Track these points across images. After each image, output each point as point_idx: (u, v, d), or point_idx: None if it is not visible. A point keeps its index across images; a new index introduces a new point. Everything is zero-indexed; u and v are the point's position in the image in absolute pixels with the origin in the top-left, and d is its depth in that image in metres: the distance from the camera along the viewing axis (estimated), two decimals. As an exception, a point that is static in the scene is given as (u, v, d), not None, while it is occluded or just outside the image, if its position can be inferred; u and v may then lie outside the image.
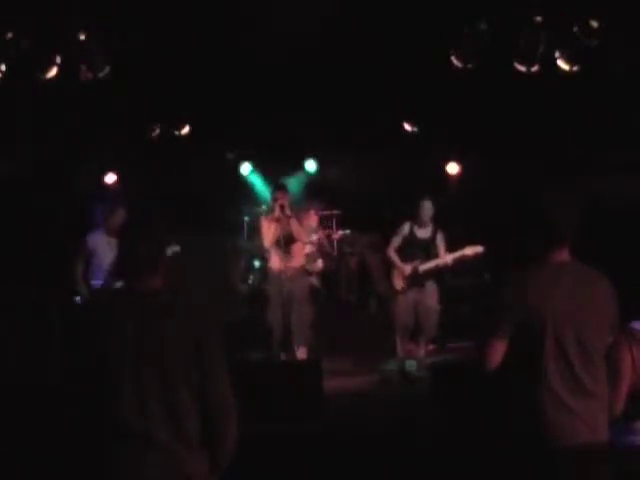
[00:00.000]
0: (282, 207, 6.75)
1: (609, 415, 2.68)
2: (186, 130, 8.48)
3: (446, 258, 6.74)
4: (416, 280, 6.78)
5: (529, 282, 2.67)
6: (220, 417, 2.34)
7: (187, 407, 2.28)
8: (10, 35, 5.93)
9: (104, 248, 6.13)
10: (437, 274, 6.87)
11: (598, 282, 2.73)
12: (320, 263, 8.74)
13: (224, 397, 2.36)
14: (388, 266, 7.22)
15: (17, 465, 3.98)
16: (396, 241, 6.94)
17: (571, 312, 2.63)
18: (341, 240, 9.28)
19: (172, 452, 2.24)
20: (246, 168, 9.87)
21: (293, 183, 9.49)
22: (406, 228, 6.90)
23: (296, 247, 6.92)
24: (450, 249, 6.84)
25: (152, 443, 2.22)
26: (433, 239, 6.86)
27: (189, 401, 2.28)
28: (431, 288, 6.82)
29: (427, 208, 6.83)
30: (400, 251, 6.92)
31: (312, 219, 9.00)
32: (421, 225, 6.88)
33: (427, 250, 6.82)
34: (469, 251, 6.72)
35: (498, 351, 2.66)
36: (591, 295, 2.68)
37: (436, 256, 6.80)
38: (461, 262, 6.86)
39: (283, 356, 6.88)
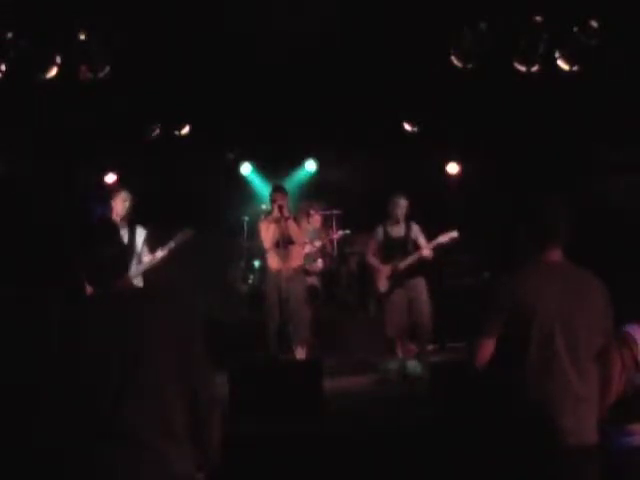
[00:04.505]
0: (280, 208, 6.75)
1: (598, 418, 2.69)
2: (186, 130, 8.49)
3: (423, 251, 6.63)
4: (400, 279, 6.74)
5: (522, 282, 2.69)
6: (206, 415, 2.36)
7: (174, 406, 2.28)
8: (10, 35, 5.94)
9: None
10: (420, 268, 6.77)
11: (591, 283, 2.73)
12: (320, 263, 8.75)
13: (210, 395, 2.37)
14: (370, 272, 7.12)
15: (13, 466, 3.97)
16: (372, 245, 6.90)
17: (562, 312, 2.63)
18: (341, 240, 9.29)
19: (160, 451, 2.24)
20: (246, 168, 9.89)
21: (292, 183, 9.50)
22: (380, 232, 6.84)
23: (295, 248, 6.92)
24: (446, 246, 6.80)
25: (140, 443, 2.22)
26: (408, 235, 6.81)
27: (176, 400, 2.28)
28: (419, 283, 6.75)
29: (402, 206, 6.75)
30: (378, 254, 6.86)
31: (315, 220, 9.01)
32: (394, 224, 6.80)
33: (404, 247, 6.74)
34: (444, 238, 6.63)
35: (486, 349, 2.68)
36: (582, 296, 2.69)
37: (415, 251, 6.74)
38: (440, 250, 6.79)
39: (282, 356, 6.88)
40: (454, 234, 6.62)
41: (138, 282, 5.70)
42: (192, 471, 2.32)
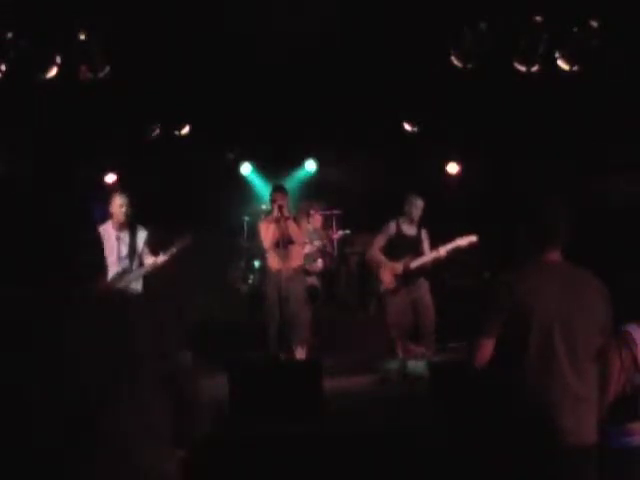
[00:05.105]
0: (280, 208, 6.75)
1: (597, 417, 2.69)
2: (186, 130, 8.49)
3: (440, 251, 6.61)
4: (408, 278, 6.71)
5: (522, 282, 2.69)
6: (195, 416, 2.37)
7: (168, 407, 2.29)
8: (10, 35, 5.94)
9: (111, 243, 5.69)
10: (427, 270, 6.75)
11: (590, 283, 2.74)
12: (320, 263, 8.76)
13: (198, 396, 2.38)
14: (371, 268, 7.05)
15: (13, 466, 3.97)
16: (381, 240, 6.80)
17: (561, 312, 2.64)
18: (341, 240, 9.29)
19: (158, 451, 2.25)
20: (246, 168, 9.89)
21: (292, 183, 9.51)
22: (392, 226, 6.78)
23: (295, 248, 6.92)
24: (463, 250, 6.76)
25: (139, 443, 2.23)
26: (419, 236, 6.80)
27: (166, 401, 2.29)
28: (423, 284, 6.73)
29: (419, 207, 6.72)
30: (385, 250, 6.78)
31: (316, 220, 9.01)
32: (409, 223, 6.77)
33: (415, 247, 6.72)
34: (462, 241, 6.57)
35: (486, 349, 2.69)
36: (581, 296, 2.69)
37: (422, 253, 6.73)
38: (455, 254, 6.74)
39: (282, 356, 6.87)
40: (473, 238, 6.57)
41: (137, 284, 5.68)
42: (178, 472, 2.34)
